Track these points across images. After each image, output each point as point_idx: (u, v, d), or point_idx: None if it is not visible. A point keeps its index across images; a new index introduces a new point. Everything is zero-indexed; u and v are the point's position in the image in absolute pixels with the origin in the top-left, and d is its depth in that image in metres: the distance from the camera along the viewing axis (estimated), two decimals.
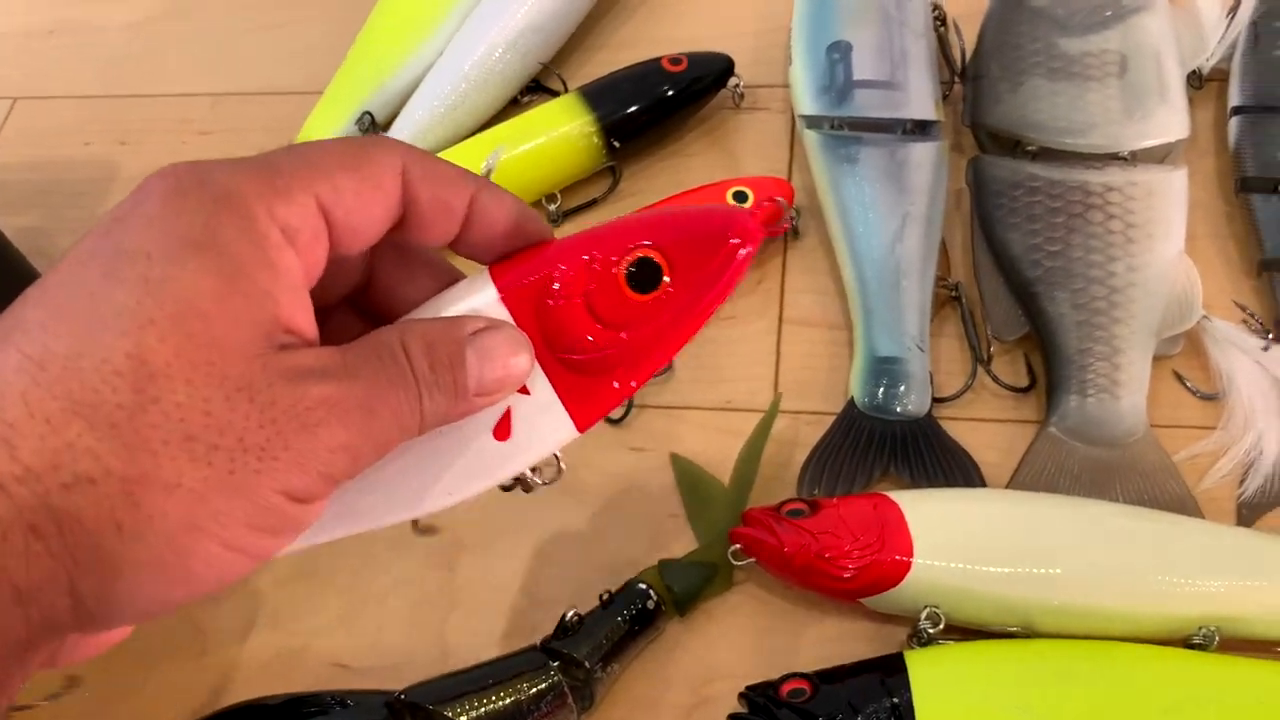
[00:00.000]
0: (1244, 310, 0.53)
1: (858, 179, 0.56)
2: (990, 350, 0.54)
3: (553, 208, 0.61)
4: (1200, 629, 0.44)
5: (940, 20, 0.62)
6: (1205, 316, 0.52)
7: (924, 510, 0.47)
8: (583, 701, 0.46)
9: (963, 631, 0.46)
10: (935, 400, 0.53)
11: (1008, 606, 0.45)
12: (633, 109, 0.60)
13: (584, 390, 0.31)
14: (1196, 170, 0.57)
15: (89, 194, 0.68)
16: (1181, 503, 0.49)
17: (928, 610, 0.45)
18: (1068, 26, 0.57)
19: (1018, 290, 0.53)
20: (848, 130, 0.57)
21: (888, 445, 0.51)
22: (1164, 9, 0.58)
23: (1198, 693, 0.43)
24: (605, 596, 0.48)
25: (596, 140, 0.60)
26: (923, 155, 0.56)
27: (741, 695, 0.45)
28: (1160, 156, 0.55)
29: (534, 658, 0.46)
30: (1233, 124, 0.56)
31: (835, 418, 0.53)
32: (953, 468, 0.51)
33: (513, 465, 0.32)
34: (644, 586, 0.48)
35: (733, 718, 0.44)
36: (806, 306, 0.58)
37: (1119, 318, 0.51)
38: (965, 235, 0.57)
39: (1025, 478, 0.50)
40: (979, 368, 0.53)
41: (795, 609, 0.49)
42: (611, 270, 0.30)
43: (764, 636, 0.49)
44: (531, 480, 0.32)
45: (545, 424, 0.31)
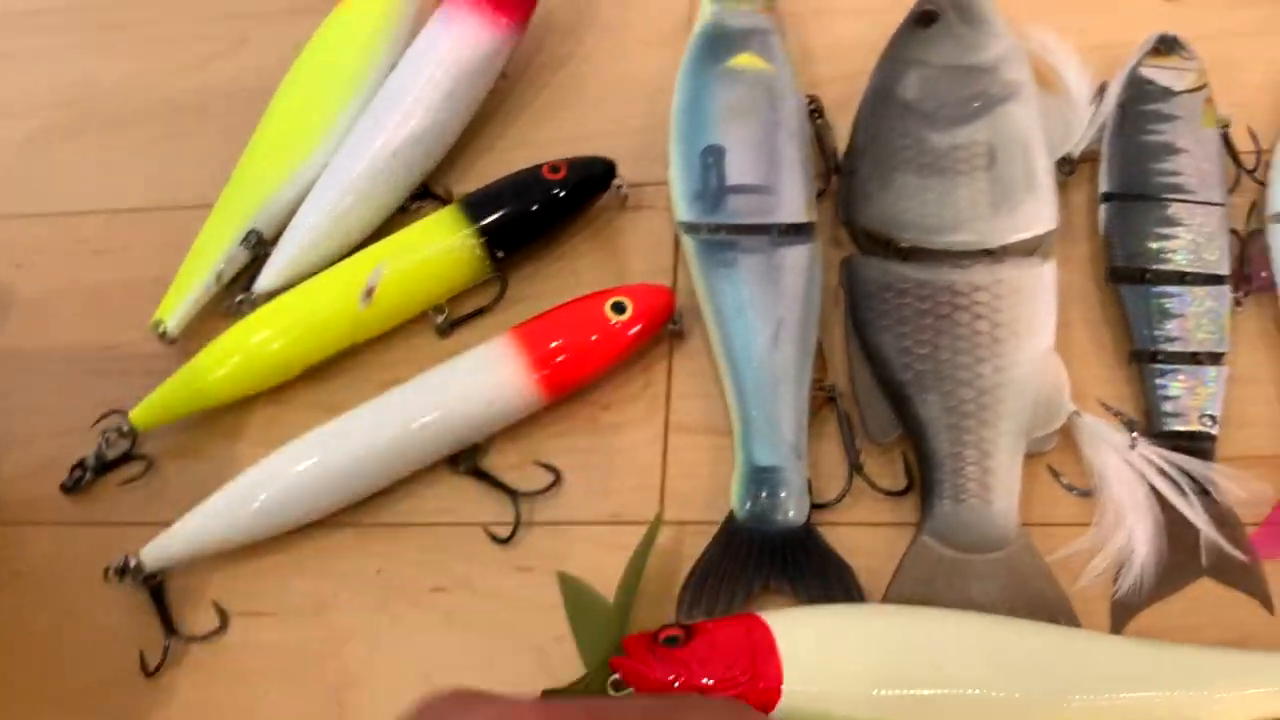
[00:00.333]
0: (1108, 408, 0.53)
1: (733, 283, 0.56)
2: (861, 458, 0.54)
3: (440, 319, 0.61)
4: None
5: (817, 112, 0.63)
6: (1075, 412, 0.52)
7: (796, 632, 0.47)
8: None
9: None
10: (815, 506, 0.53)
11: None
12: (514, 219, 0.60)
13: None
14: (1071, 255, 0.58)
15: None
16: (1056, 607, 0.49)
17: None
18: (936, 120, 0.57)
19: (891, 393, 0.54)
20: (724, 234, 0.57)
21: (768, 557, 0.52)
22: (1032, 96, 0.58)
23: None
24: None
25: (479, 252, 0.60)
26: (796, 258, 0.56)
27: None
28: (1030, 249, 0.56)
29: None
30: (1102, 211, 0.57)
31: (716, 532, 0.53)
32: (831, 578, 0.51)
33: None
34: None
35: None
36: (693, 412, 0.58)
37: (988, 420, 0.52)
38: (843, 334, 0.57)
39: (900, 589, 0.50)
40: (855, 474, 0.54)
41: None
42: None
43: None
44: None
45: None
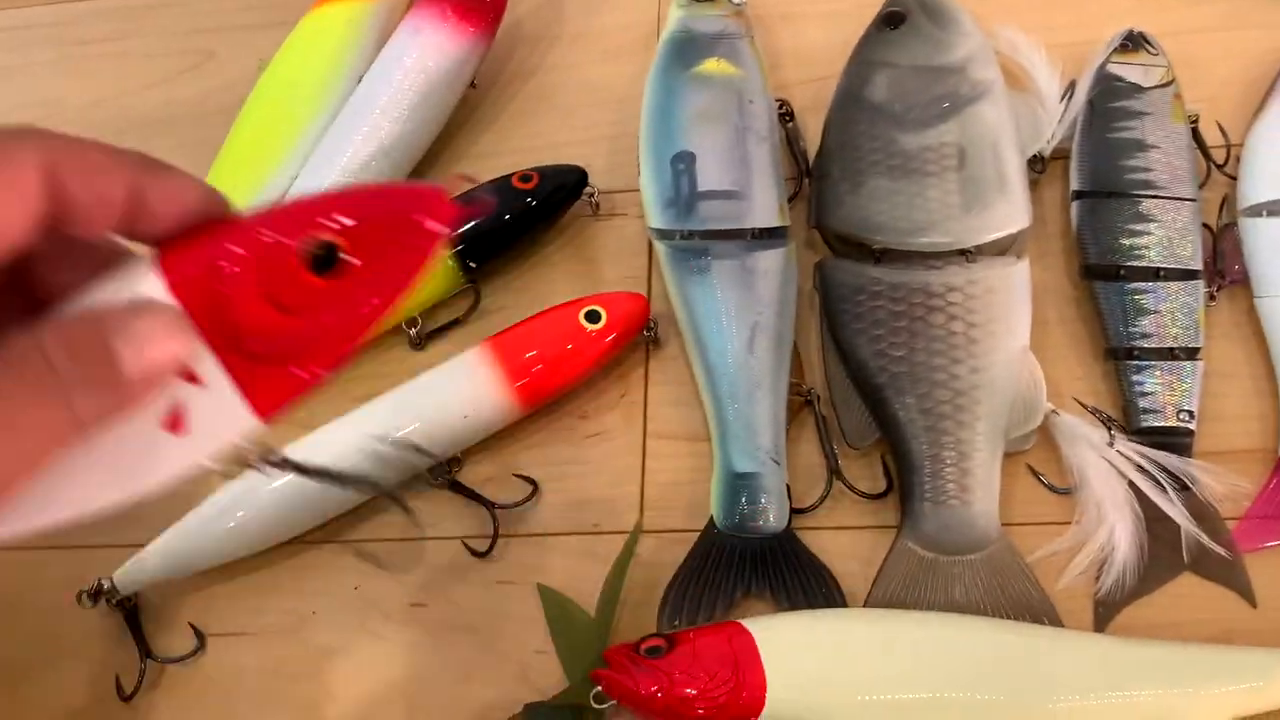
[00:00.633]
0: (1085, 406, 0.53)
1: (707, 289, 0.56)
2: (839, 462, 0.53)
3: (413, 331, 0.61)
4: None
5: (787, 115, 0.62)
6: (1053, 411, 0.52)
7: (778, 639, 0.47)
8: None
9: None
10: (794, 511, 0.53)
11: None
12: (486, 230, 0.60)
13: (264, 378, 0.29)
14: (1045, 253, 0.58)
15: None
16: (1039, 607, 0.49)
17: None
18: (905, 122, 0.57)
19: (867, 396, 0.53)
20: (697, 240, 0.57)
21: (748, 564, 0.51)
22: (1001, 95, 0.58)
23: None
24: None
25: (451, 264, 0.60)
26: (770, 262, 0.56)
27: None
28: (1003, 249, 0.55)
29: None
30: (1074, 209, 0.57)
31: (696, 540, 0.52)
32: (812, 584, 0.51)
33: (188, 458, 0.30)
34: None
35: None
36: (671, 420, 0.57)
37: (965, 421, 0.51)
38: (819, 338, 0.57)
39: (881, 593, 0.50)
40: (834, 478, 0.53)
41: None
42: (288, 252, 0.28)
43: None
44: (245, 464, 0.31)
45: (221, 415, 0.29)
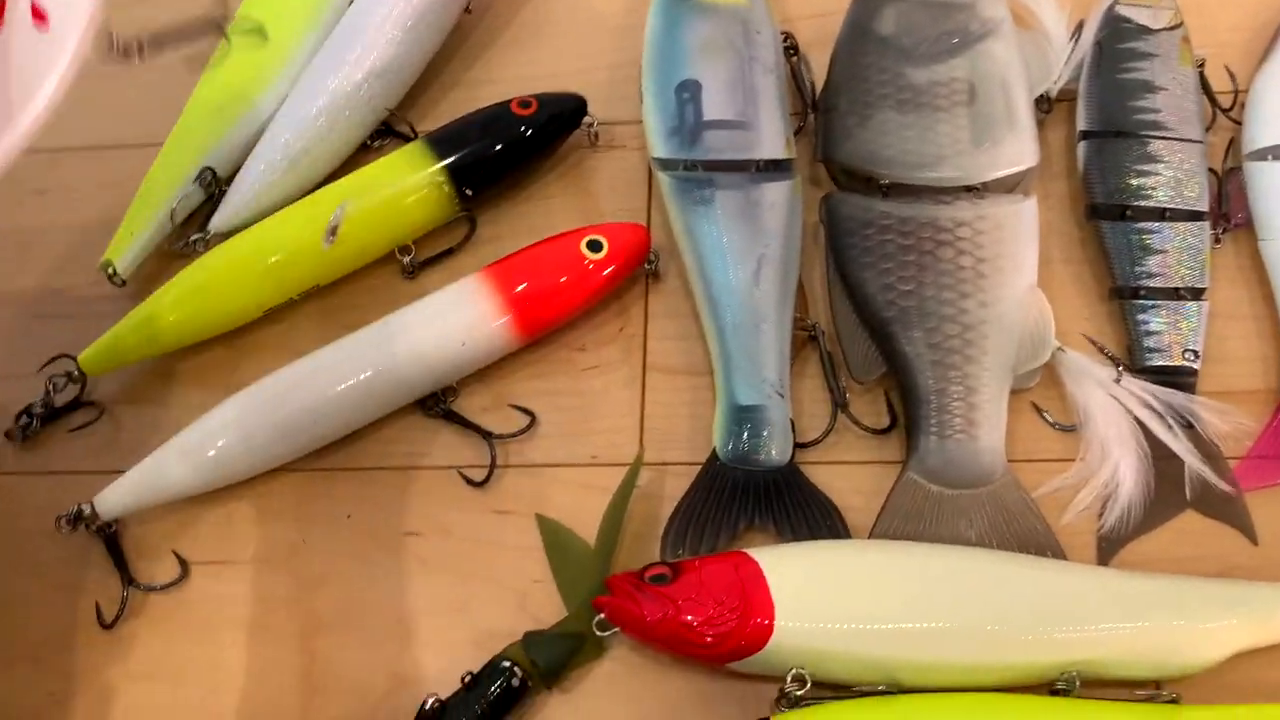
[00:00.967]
0: (1093, 343, 0.53)
1: (712, 221, 0.55)
2: (846, 394, 0.53)
3: (407, 259, 0.59)
4: (1063, 674, 0.45)
5: (792, 49, 0.61)
6: (1059, 348, 0.52)
7: (784, 568, 0.46)
8: None
9: (835, 687, 0.46)
10: (798, 446, 0.52)
11: (872, 664, 0.45)
12: (482, 157, 0.58)
13: None
14: (1050, 193, 0.58)
15: None
16: (1043, 541, 0.49)
17: (793, 672, 0.45)
18: (914, 56, 0.57)
19: (874, 330, 0.53)
20: (701, 171, 0.56)
21: (751, 497, 0.51)
22: (1010, 34, 0.57)
23: None
24: (467, 678, 0.47)
25: (447, 189, 0.58)
26: (776, 194, 0.55)
27: None
28: (1011, 186, 0.55)
29: None
30: (1080, 149, 0.56)
31: (699, 472, 0.52)
32: (816, 517, 0.50)
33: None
34: (508, 664, 0.47)
35: None
36: (670, 353, 0.56)
37: (973, 356, 0.51)
38: (824, 272, 0.56)
39: (886, 526, 0.49)
40: (839, 412, 0.53)
41: (667, 674, 0.49)
42: None
43: (636, 704, 0.48)
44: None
45: None
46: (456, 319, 0.54)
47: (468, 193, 0.59)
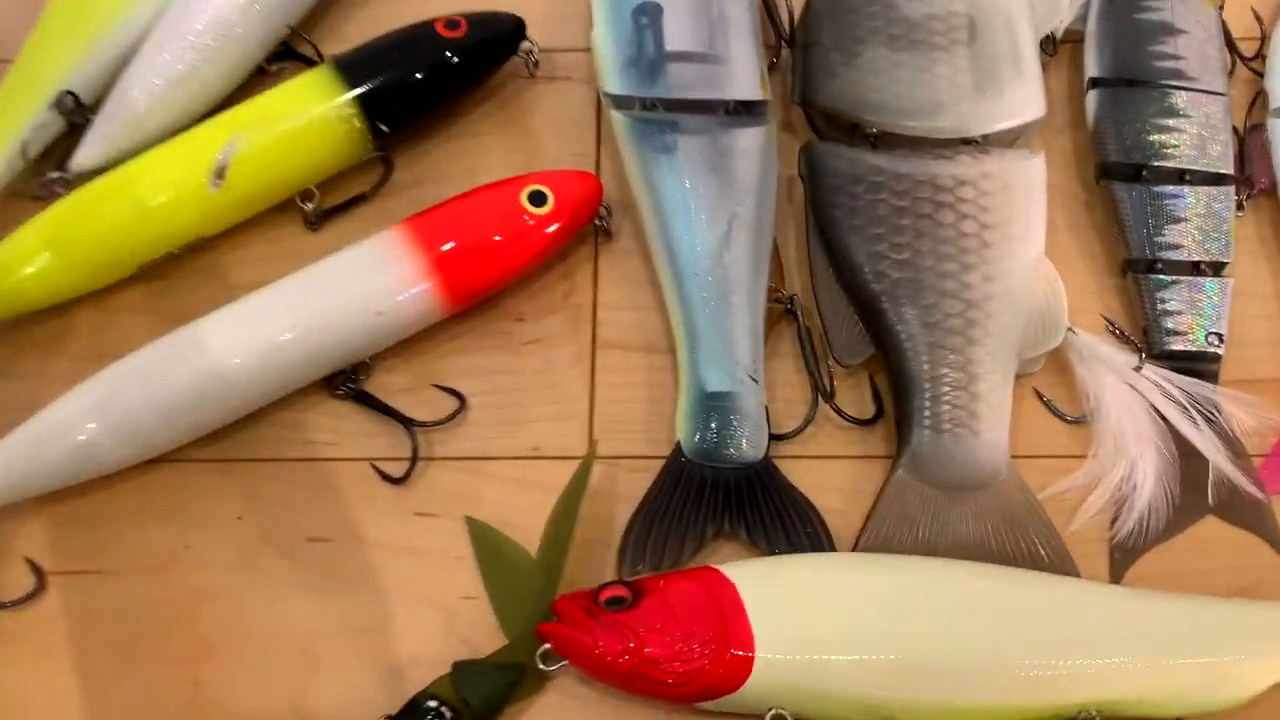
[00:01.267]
0: (1111, 325, 0.47)
1: (675, 172, 0.49)
2: (832, 381, 0.47)
3: (309, 206, 0.52)
4: (1081, 712, 0.40)
5: None
6: (1070, 329, 0.46)
7: (765, 591, 0.41)
8: None
9: None
10: (772, 437, 0.46)
11: (865, 707, 0.39)
12: (401, 85, 0.52)
13: None
14: (1051, 149, 0.53)
15: None
16: (1051, 552, 0.44)
17: (772, 713, 0.40)
18: None
19: (860, 306, 0.47)
20: (662, 111, 0.49)
21: (720, 498, 0.46)
22: None
23: None
24: None
25: (358, 124, 0.51)
26: (749, 142, 0.49)
27: None
28: (1012, 139, 0.49)
29: None
30: (1090, 99, 0.51)
31: (660, 469, 0.46)
32: (794, 521, 0.45)
33: None
34: (434, 703, 0.42)
35: None
36: (624, 325, 0.51)
37: (975, 337, 0.45)
38: (799, 234, 0.50)
39: (875, 533, 0.45)
40: (820, 400, 0.47)
41: (621, 711, 0.43)
42: None
43: None
44: None
45: None
46: (370, 282, 0.48)
47: (383, 129, 0.52)
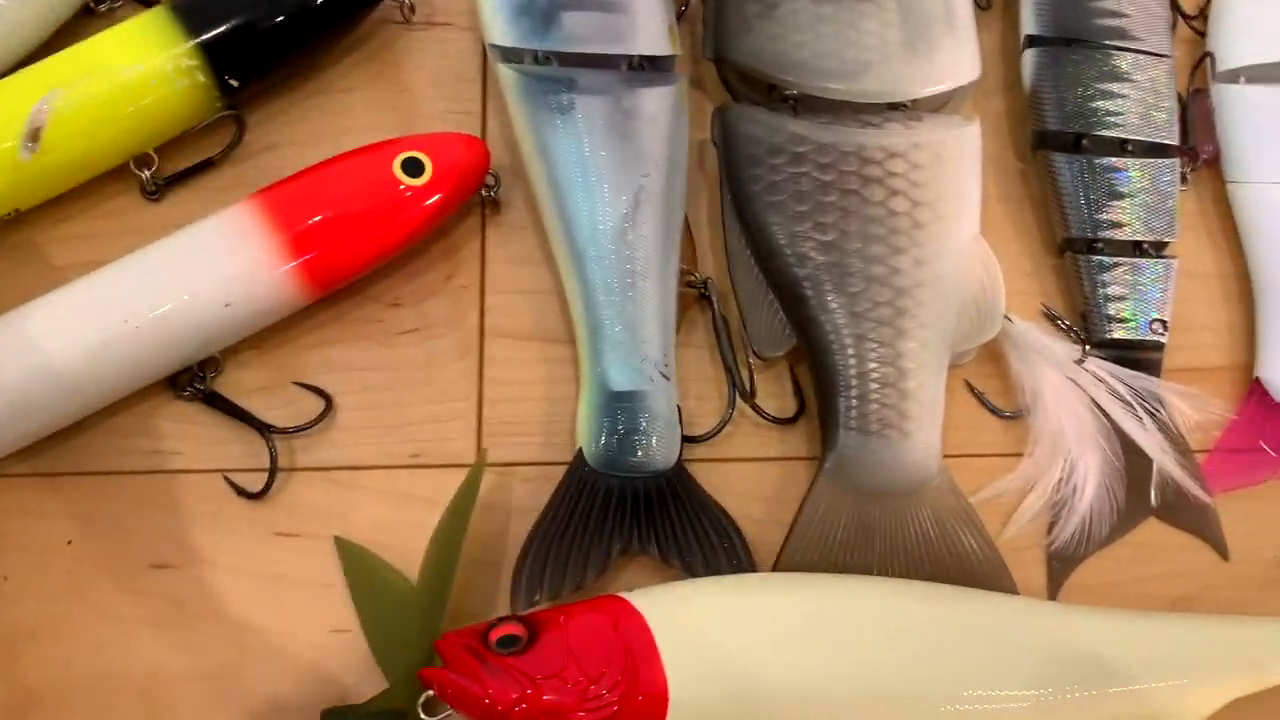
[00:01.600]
0: (1050, 315, 0.44)
1: (573, 136, 0.43)
2: (752, 376, 0.42)
3: (147, 174, 0.46)
4: None
5: None
6: (1007, 318, 0.42)
7: (678, 622, 0.37)
8: None
9: None
10: (685, 439, 0.42)
11: None
12: (251, 32, 0.45)
13: None
14: (985, 113, 0.49)
15: None
16: (986, 562, 0.41)
17: None
18: None
19: (781, 292, 0.43)
20: (557, 66, 0.43)
21: (628, 511, 0.41)
22: None
23: None
24: None
25: (202, 78, 0.45)
26: (657, 103, 0.44)
27: None
28: (942, 103, 0.45)
29: None
30: (1027, 59, 0.47)
31: (560, 479, 0.40)
32: (710, 535, 0.41)
33: None
34: None
35: None
36: (515, 311, 0.46)
37: (906, 329, 0.41)
38: (713, 207, 0.45)
39: (799, 546, 0.41)
40: (737, 398, 0.42)
41: None
42: None
43: None
44: None
45: None
46: (219, 265, 0.42)
47: (232, 83, 0.46)
